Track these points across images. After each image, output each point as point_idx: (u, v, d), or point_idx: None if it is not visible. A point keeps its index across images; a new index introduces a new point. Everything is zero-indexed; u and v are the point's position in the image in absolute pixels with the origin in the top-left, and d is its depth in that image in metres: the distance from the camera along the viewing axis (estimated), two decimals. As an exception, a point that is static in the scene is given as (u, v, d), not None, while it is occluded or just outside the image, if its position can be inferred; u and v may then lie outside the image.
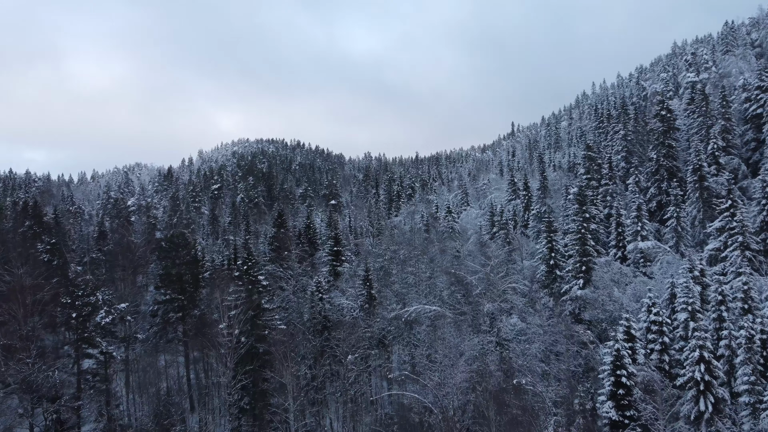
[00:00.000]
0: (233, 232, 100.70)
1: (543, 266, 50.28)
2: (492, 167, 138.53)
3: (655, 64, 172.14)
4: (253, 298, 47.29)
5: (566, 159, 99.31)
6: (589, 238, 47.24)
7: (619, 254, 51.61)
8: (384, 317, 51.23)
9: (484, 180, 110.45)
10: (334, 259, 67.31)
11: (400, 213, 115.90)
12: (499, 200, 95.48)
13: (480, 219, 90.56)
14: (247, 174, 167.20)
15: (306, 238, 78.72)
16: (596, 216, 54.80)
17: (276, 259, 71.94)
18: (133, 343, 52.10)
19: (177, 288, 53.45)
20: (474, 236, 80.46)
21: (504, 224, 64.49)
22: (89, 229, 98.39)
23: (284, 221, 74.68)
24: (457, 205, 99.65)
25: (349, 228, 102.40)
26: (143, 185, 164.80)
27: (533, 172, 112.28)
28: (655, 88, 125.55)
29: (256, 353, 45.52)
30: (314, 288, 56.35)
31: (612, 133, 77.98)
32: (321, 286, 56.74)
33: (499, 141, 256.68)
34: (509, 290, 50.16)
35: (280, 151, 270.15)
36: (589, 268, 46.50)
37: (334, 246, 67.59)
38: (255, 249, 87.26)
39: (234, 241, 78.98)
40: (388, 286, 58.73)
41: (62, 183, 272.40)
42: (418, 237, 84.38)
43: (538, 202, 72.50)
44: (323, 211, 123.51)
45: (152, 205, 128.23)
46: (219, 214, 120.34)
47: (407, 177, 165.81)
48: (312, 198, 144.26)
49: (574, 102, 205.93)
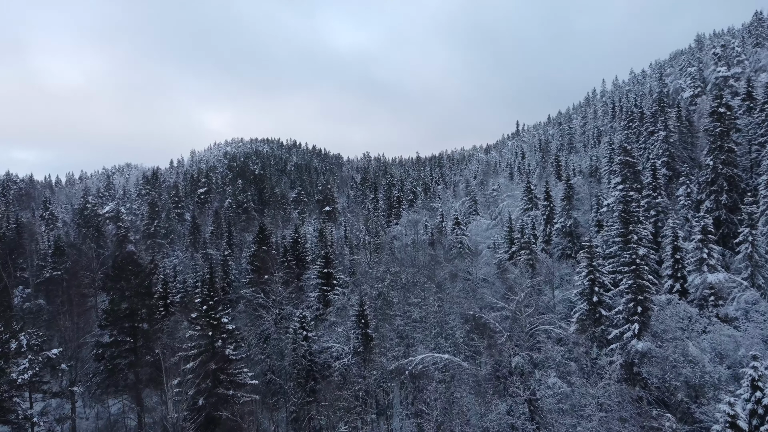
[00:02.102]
0: (216, 244, 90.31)
1: (583, 303, 39.91)
2: (500, 170, 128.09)
3: (673, 59, 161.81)
4: (215, 345, 37.02)
5: (586, 163, 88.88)
6: (645, 270, 36.87)
7: (677, 287, 41.31)
8: (383, 366, 40.87)
9: (493, 185, 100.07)
10: (325, 283, 56.98)
11: (401, 221, 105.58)
12: (513, 209, 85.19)
13: (492, 231, 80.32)
14: (238, 176, 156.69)
15: (293, 255, 68.33)
16: (644, 237, 44.42)
17: (256, 281, 61.63)
18: (69, 397, 41.66)
19: (127, 327, 43.08)
20: (486, 252, 70.23)
21: (526, 243, 54.14)
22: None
23: (266, 237, 64.26)
24: (464, 214, 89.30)
25: (345, 238, 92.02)
26: (127, 188, 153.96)
27: (549, 176, 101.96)
28: (680, 84, 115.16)
29: (216, 420, 35.27)
30: (297, 324, 46.07)
31: (645, 134, 67.59)
32: (305, 321, 46.48)
33: (504, 141, 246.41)
34: (541, 333, 39.84)
35: (275, 152, 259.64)
36: (646, 308, 36.21)
37: (324, 267, 57.25)
38: (237, 265, 76.95)
39: (210, 258, 68.67)
40: (388, 320, 48.39)
41: (48, 184, 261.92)
42: (422, 253, 74.11)
43: (563, 214, 62.18)
44: (317, 219, 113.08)
45: (132, 211, 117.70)
46: (202, 222, 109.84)
47: (408, 180, 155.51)
48: (306, 203, 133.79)
49: (583, 100, 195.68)
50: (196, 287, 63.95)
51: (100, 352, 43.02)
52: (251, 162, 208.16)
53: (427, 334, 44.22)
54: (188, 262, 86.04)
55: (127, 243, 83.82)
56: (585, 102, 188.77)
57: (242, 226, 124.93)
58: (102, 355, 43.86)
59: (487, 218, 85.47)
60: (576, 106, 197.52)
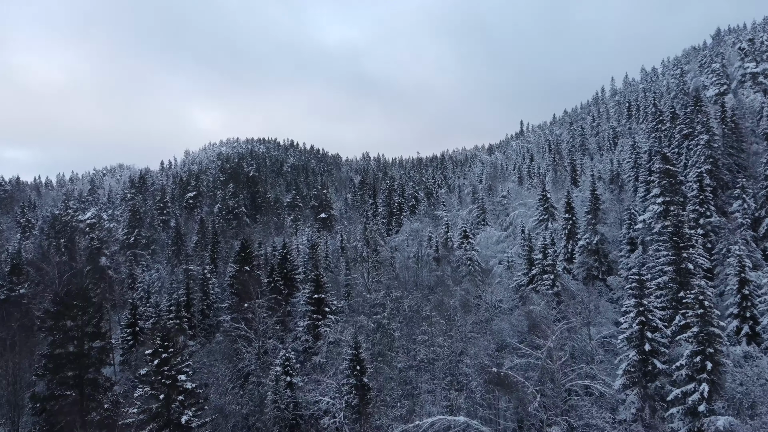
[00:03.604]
0: (200, 256, 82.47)
1: (631, 351, 32.08)
2: (507, 173, 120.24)
3: (687, 55, 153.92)
4: (170, 409, 29.24)
5: (606, 167, 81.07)
6: (713, 315, 29.10)
7: (745, 329, 33.58)
8: (382, 429, 33.10)
9: (502, 191, 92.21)
10: (315, 311, 49.21)
11: (402, 230, 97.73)
12: (525, 218, 77.36)
13: (504, 244, 72.50)
14: (230, 179, 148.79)
15: (281, 273, 60.54)
16: (701, 265, 36.62)
17: (237, 307, 53.88)
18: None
19: (71, 378, 35.30)
20: (499, 269, 62.47)
21: (550, 266, 46.34)
22: (27, 255, 80.00)
23: (249, 255, 56.38)
24: (472, 224, 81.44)
25: (341, 249, 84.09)
26: (113, 192, 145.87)
27: (563, 181, 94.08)
28: (702, 81, 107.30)
29: None
30: (280, 368, 38.39)
31: (679, 137, 59.81)
32: (290, 365, 38.81)
33: (508, 141, 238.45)
34: (579, 389, 32.13)
35: (271, 152, 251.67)
36: (717, 363, 28.46)
37: (314, 291, 49.49)
38: (220, 282, 69.06)
39: (190, 274, 60.74)
40: (388, 362, 40.63)
41: (37, 185, 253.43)
42: (427, 270, 66.32)
43: (588, 229, 54.41)
44: (311, 227, 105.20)
45: (114, 217, 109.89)
46: (188, 231, 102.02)
47: (409, 183, 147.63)
48: (300, 209, 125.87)
49: (591, 98, 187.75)
50: (170, 311, 56.19)
51: (36, 407, 35.22)
52: (246, 163, 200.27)
53: (436, 384, 36.45)
54: (168, 278, 78.22)
55: (100, 256, 76.00)
56: (594, 101, 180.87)
57: (233, 233, 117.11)
58: (41, 410, 36.07)
59: (497, 228, 77.63)
60: (584, 104, 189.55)
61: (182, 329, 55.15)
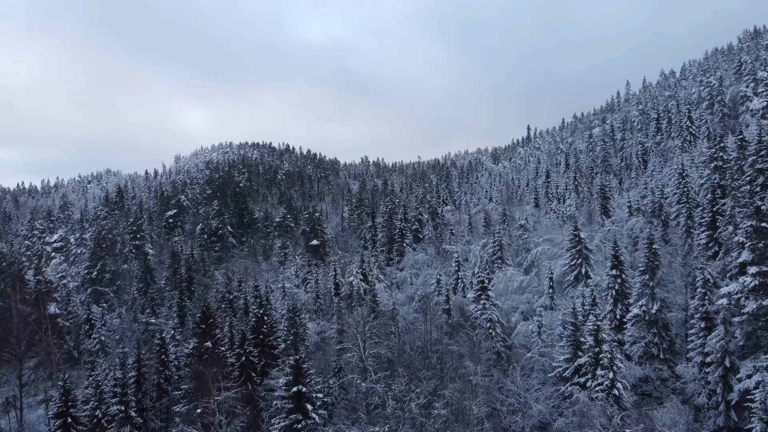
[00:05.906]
0: (169, 301, 70.72)
1: None
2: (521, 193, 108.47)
3: (713, 58, 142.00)
4: None
5: (647, 198, 69.21)
6: None
7: None
8: None
9: (519, 219, 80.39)
10: (294, 408, 37.52)
11: (405, 261, 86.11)
12: (550, 258, 65.72)
13: (527, 293, 60.74)
14: (216, 193, 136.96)
15: (256, 341, 48.79)
16: None
17: (194, 398, 42.16)
18: None
19: None
20: (523, 327, 50.78)
21: (609, 361, 34.52)
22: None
23: (211, 327, 44.56)
24: (487, 261, 69.77)
25: (335, 286, 72.33)
26: (85, 209, 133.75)
27: (588, 204, 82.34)
28: (742, 91, 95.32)
29: None
30: None
31: (753, 172, 48.03)
32: None
33: (514, 146, 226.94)
34: None
35: (265, 158, 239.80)
36: None
37: (294, 381, 37.80)
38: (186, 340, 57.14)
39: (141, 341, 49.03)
40: None
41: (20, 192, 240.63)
42: (436, 329, 54.44)
43: (643, 293, 42.68)
44: (301, 255, 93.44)
45: (82, 242, 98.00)
46: (162, 260, 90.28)
47: (412, 196, 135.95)
48: (292, 229, 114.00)
49: (606, 104, 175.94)
50: (115, 395, 44.36)
51: None
52: (237, 172, 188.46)
53: None
54: (129, 327, 66.50)
55: (48, 303, 64.23)
56: (609, 107, 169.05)
57: (216, 257, 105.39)
58: None
59: (517, 270, 65.78)
60: (597, 110, 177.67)
61: (128, 418, 43.60)
